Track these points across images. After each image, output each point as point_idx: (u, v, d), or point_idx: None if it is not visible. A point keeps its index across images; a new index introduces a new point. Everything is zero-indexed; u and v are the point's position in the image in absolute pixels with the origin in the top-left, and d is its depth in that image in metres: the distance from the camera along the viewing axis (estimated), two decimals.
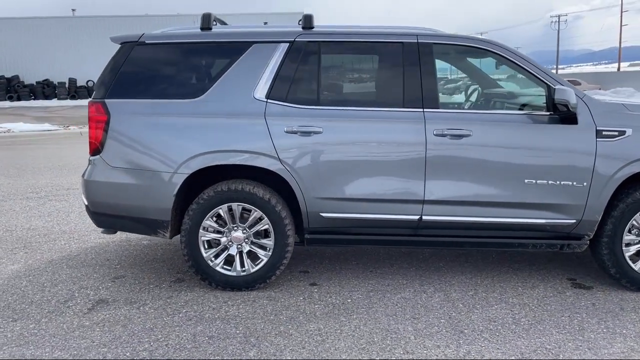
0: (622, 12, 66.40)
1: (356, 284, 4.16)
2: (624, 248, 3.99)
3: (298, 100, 3.93)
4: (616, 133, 3.85)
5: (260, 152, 3.85)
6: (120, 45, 4.04)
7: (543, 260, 4.68)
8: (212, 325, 3.50)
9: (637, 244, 4.01)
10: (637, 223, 3.97)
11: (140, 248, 5.06)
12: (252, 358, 3.12)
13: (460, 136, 3.84)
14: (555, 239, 4.03)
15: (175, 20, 43.22)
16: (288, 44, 3.96)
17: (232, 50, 3.99)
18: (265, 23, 41.88)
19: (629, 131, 3.85)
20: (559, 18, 63.61)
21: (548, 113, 3.89)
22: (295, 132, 3.85)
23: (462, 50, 4.14)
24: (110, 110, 3.92)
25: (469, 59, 4.60)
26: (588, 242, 4.03)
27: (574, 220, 3.93)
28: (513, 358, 3.11)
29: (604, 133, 3.85)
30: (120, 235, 5.44)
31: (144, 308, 3.77)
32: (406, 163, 3.86)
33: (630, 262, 3.99)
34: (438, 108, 3.91)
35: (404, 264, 4.59)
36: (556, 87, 3.74)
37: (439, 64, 4.17)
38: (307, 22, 4.03)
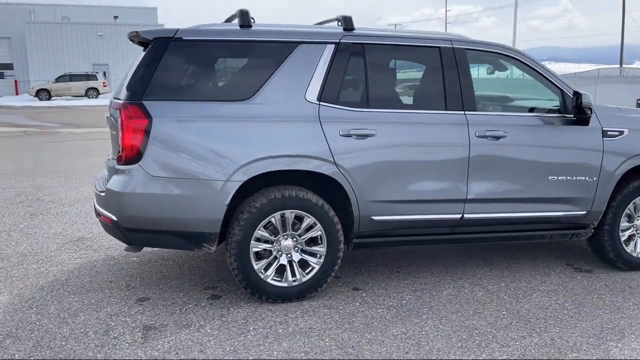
0: (446, 23, 73.50)
1: (396, 285, 4.20)
2: (620, 234, 4.54)
3: (348, 102, 3.86)
4: (617, 133, 4.36)
5: (316, 157, 3.71)
6: (153, 41, 3.62)
7: (530, 250, 5.11)
8: (297, 340, 3.32)
9: (628, 229, 4.58)
10: (629, 211, 4.54)
11: (137, 265, 4.55)
12: None
13: (498, 137, 4.07)
14: (567, 229, 4.45)
15: None
16: (334, 45, 3.86)
17: (278, 50, 3.79)
18: (116, 17, 39.40)
19: (626, 131, 4.39)
20: (395, 27, 68.80)
21: (567, 116, 4.27)
22: (350, 136, 3.78)
23: (490, 56, 4.36)
24: (151, 112, 3.50)
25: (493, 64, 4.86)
26: (592, 230, 4.51)
27: (585, 212, 4.37)
28: (592, 340, 3.40)
29: (608, 133, 4.34)
30: (99, 254, 4.86)
31: (205, 330, 3.44)
32: (452, 163, 4.00)
33: (624, 246, 4.56)
34: (476, 110, 4.10)
35: (421, 263, 4.72)
36: (582, 93, 4.13)
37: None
38: (348, 23, 3.97)
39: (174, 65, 3.62)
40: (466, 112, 4.04)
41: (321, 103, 3.77)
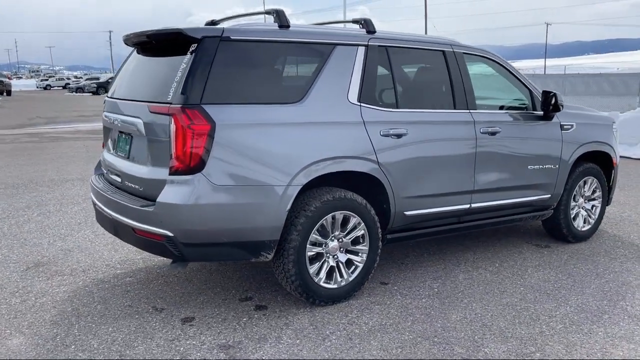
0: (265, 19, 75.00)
1: (413, 277, 4.43)
2: (570, 212, 5.32)
3: (382, 103, 3.99)
4: (569, 126, 5.11)
5: (364, 157, 3.79)
6: (200, 40, 3.35)
7: (490, 234, 5.71)
8: (381, 338, 3.37)
9: (574, 208, 5.39)
10: (575, 192, 5.35)
11: (140, 285, 4.14)
12: (463, 354, 3.22)
13: (494, 133, 4.52)
14: (536, 211, 5.10)
15: None
16: (364, 47, 3.95)
17: (319, 51, 3.77)
18: None
19: (574, 125, 5.16)
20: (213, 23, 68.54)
21: (536, 112, 4.89)
22: (389, 135, 3.91)
23: (477, 59, 4.77)
24: (213, 117, 3.26)
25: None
26: (552, 211, 5.22)
27: (550, 195, 5.06)
28: (605, 302, 3.99)
29: (564, 127, 5.07)
30: (81, 278, 4.31)
31: (285, 340, 3.32)
32: (465, 158, 4.35)
33: (574, 222, 5.36)
34: (476, 109, 4.50)
35: (414, 253, 5.00)
36: (556, 92, 4.76)
37: None
38: (371, 26, 4.09)
39: (225, 66, 3.40)
40: (471, 111, 4.42)
41: (362, 104, 3.84)
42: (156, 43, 3.75)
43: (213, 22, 4.37)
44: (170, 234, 3.28)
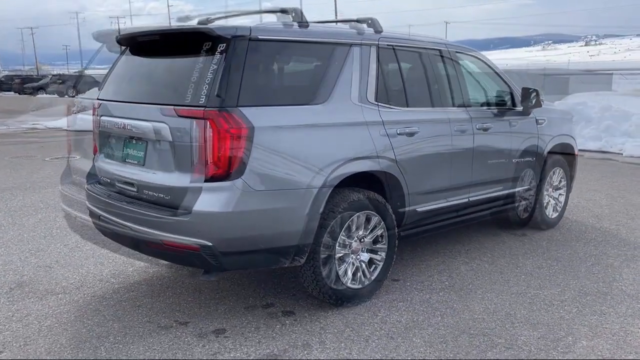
0: (169, 19, 73.05)
1: (420, 272, 4.51)
2: (544, 201, 5.66)
3: (395, 102, 4.02)
4: (543, 120, 5.43)
5: (384, 156, 3.82)
6: (230, 40, 3.21)
7: (467, 225, 5.92)
8: (422, 335, 3.42)
9: (545, 197, 5.72)
10: (547, 183, 5.69)
11: (148, 298, 3.91)
12: (504, 343, 3.34)
13: (487, 129, 4.70)
14: (515, 202, 5.37)
15: None
16: (376, 47, 3.97)
17: (338, 50, 3.73)
18: None
19: (546, 120, 5.48)
20: (77, 15, 68.77)
21: (516, 108, 5.14)
22: (403, 134, 3.96)
23: (466, 58, 4.92)
24: (251, 120, 3.13)
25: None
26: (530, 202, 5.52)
27: (528, 186, 5.34)
28: (601, 284, 4.29)
29: (539, 121, 5.37)
30: (77, 296, 4.00)
31: (330, 346, 3.28)
32: (465, 154, 4.49)
33: (546, 211, 5.69)
34: (471, 107, 4.66)
35: (407, 249, 5.09)
36: (537, 89, 5.03)
37: None
38: (377, 26, 4.11)
39: (255, 66, 3.29)
40: (467, 108, 4.58)
41: (379, 104, 3.86)
42: (167, 43, 3.55)
43: (208, 20, 4.18)
44: (209, 244, 3.13)
